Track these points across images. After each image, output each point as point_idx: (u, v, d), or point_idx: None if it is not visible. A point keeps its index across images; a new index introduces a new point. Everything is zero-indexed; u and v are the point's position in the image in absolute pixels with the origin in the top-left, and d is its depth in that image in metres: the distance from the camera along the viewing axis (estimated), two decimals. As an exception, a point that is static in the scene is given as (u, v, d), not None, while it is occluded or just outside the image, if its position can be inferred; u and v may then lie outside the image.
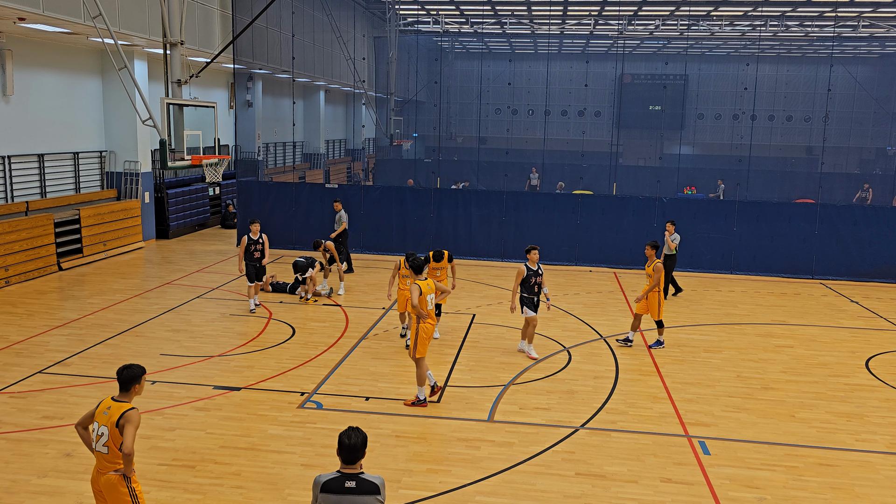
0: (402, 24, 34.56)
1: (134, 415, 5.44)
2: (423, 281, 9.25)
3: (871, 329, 13.93)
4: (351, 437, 4.64)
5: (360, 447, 4.64)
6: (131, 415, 5.43)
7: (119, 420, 5.38)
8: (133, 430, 5.39)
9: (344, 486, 4.56)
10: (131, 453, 5.38)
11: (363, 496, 4.54)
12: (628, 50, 37.33)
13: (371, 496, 4.56)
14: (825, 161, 26.36)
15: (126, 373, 5.58)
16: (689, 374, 10.97)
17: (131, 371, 5.60)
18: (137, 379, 5.60)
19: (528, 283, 11.26)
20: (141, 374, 5.63)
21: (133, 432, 5.39)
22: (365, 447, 4.69)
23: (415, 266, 9.50)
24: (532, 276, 11.23)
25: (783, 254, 18.60)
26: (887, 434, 9.02)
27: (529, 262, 11.29)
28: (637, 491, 7.44)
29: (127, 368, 5.60)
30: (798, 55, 39.27)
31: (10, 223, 15.45)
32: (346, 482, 4.57)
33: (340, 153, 37.81)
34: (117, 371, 5.61)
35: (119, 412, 5.41)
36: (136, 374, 5.61)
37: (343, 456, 4.63)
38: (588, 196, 20.91)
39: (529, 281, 11.25)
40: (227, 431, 8.51)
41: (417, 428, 8.78)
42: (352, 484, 4.56)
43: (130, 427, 5.38)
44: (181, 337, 12.15)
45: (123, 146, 19.80)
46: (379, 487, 4.61)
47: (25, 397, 9.38)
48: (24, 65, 16.46)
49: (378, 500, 4.59)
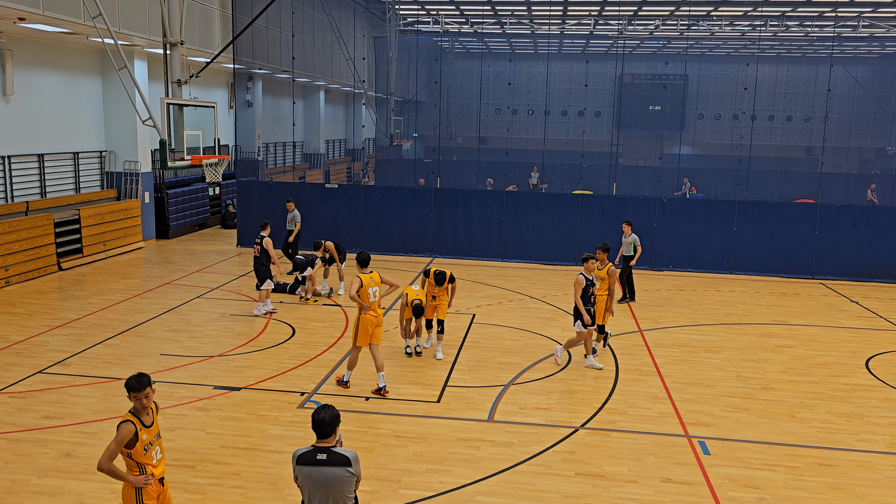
0: (402, 24, 34.55)
1: (120, 428, 5.24)
2: (366, 274, 9.67)
3: (871, 329, 13.93)
4: (321, 412, 4.93)
5: (328, 422, 4.88)
6: (118, 428, 5.25)
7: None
8: (113, 445, 5.18)
9: (315, 458, 4.83)
10: (101, 469, 5.12)
11: (333, 468, 4.81)
12: (628, 50, 37.31)
13: (341, 468, 4.82)
14: (825, 161, 26.33)
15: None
16: (689, 374, 10.97)
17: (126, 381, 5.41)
18: (126, 390, 5.34)
19: (586, 294, 10.80)
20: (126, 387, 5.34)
21: (112, 447, 5.17)
22: (335, 423, 4.93)
23: (360, 260, 9.83)
24: (590, 285, 10.82)
25: (783, 254, 18.60)
26: (887, 434, 9.02)
27: (586, 270, 10.83)
28: (637, 491, 7.44)
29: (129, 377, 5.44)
30: (798, 55, 39.25)
31: (10, 223, 15.45)
32: (318, 455, 4.84)
33: (340, 153, 37.80)
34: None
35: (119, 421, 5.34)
36: (125, 385, 5.36)
37: (316, 430, 4.91)
38: (588, 196, 20.91)
39: (587, 291, 10.80)
40: (227, 431, 8.51)
41: (417, 428, 8.78)
42: (323, 456, 4.83)
43: (111, 441, 5.21)
44: (181, 337, 12.15)
45: (123, 146, 19.80)
46: (350, 460, 4.85)
47: (25, 397, 9.38)
48: (24, 65, 16.47)
49: (349, 472, 4.83)
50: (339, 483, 4.83)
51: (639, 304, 15.35)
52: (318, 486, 4.82)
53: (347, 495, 4.86)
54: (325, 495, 4.82)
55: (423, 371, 10.80)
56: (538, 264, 19.35)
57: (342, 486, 4.83)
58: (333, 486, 4.83)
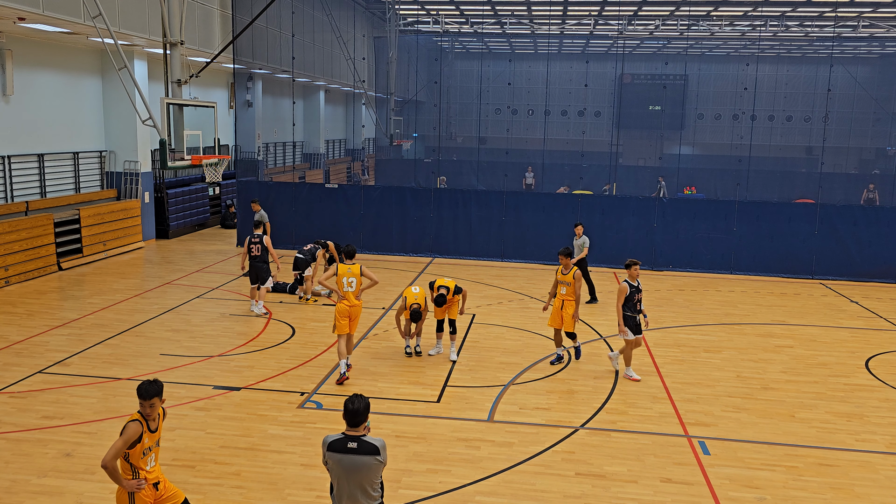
0: (402, 24, 34.55)
1: (127, 427, 5.26)
2: (345, 265, 10.20)
3: (871, 329, 13.93)
4: (354, 402, 5.09)
5: (362, 411, 5.05)
6: (125, 427, 5.27)
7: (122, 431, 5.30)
8: (119, 442, 5.19)
9: (346, 446, 5.00)
10: (105, 466, 5.14)
11: (363, 456, 4.99)
12: (628, 50, 37.31)
13: (370, 456, 5.01)
14: (825, 161, 26.34)
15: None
16: (689, 374, 10.97)
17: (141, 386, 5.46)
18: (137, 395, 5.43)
19: (631, 301, 10.36)
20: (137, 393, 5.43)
21: (118, 444, 5.19)
22: (367, 412, 5.10)
23: (346, 251, 10.37)
24: (635, 292, 10.38)
25: (783, 254, 18.60)
26: (887, 434, 9.02)
27: (629, 277, 10.41)
28: (637, 491, 7.44)
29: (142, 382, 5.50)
30: (798, 55, 39.26)
31: (10, 223, 15.45)
32: (349, 443, 5.01)
33: (340, 153, 37.80)
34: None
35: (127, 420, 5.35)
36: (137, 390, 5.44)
37: (347, 419, 5.05)
38: (588, 196, 20.91)
39: (632, 298, 10.36)
40: (227, 431, 8.51)
41: (417, 428, 8.78)
42: (353, 445, 5.00)
43: (118, 439, 5.22)
44: (181, 337, 12.15)
45: (123, 146, 19.79)
46: (379, 449, 5.03)
47: (25, 397, 9.38)
48: (24, 65, 16.47)
49: (377, 461, 5.02)
50: (367, 470, 5.01)
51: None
52: (348, 473, 5.01)
53: (375, 481, 5.07)
54: (354, 481, 5.01)
55: (423, 371, 10.80)
56: (538, 264, 19.34)
57: (370, 473, 5.02)
58: (362, 472, 5.00)
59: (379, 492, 5.12)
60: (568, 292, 10.90)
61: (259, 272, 13.57)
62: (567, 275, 10.90)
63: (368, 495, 5.04)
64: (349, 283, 10.11)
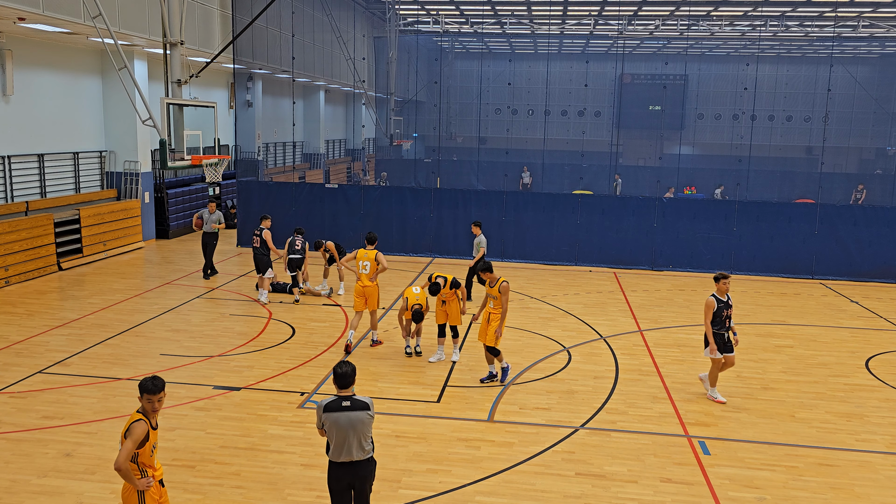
0: (402, 24, 34.55)
1: (134, 427, 5.25)
2: (363, 250, 11.62)
3: (871, 329, 13.93)
4: (342, 367, 5.85)
5: (350, 374, 5.84)
6: (132, 427, 5.25)
7: (126, 431, 5.29)
8: (129, 443, 5.20)
9: (341, 405, 5.75)
10: (119, 469, 5.16)
11: (357, 412, 5.76)
12: (628, 50, 37.30)
13: (363, 412, 5.78)
14: (825, 161, 26.34)
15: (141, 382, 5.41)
16: (689, 374, 10.97)
17: (141, 381, 5.43)
18: (139, 391, 5.38)
19: (719, 318, 9.79)
20: (140, 388, 5.38)
21: (129, 445, 5.19)
22: (354, 375, 5.86)
23: (368, 238, 11.83)
24: (723, 308, 9.82)
25: (783, 254, 18.60)
26: (887, 434, 9.02)
27: (718, 292, 9.83)
28: (637, 491, 7.44)
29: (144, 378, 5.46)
30: (798, 55, 39.24)
31: (10, 223, 15.45)
32: (343, 402, 5.76)
33: (340, 153, 37.80)
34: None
35: (128, 422, 5.33)
36: (139, 386, 5.40)
37: (338, 382, 5.83)
38: (588, 196, 20.91)
39: (720, 314, 9.78)
40: (227, 431, 8.51)
41: (417, 428, 8.78)
42: (347, 403, 5.76)
43: (127, 440, 5.22)
44: (181, 337, 12.15)
45: (123, 146, 19.80)
46: (369, 405, 5.82)
47: (25, 397, 9.38)
48: (24, 65, 16.47)
49: (369, 415, 5.80)
50: (361, 424, 5.76)
51: (639, 304, 15.34)
52: (345, 428, 5.72)
53: (368, 434, 5.82)
54: (352, 435, 5.74)
55: (423, 371, 10.80)
56: (538, 264, 19.35)
57: (364, 426, 5.78)
58: (357, 427, 5.75)
59: (371, 445, 5.85)
60: (495, 306, 10.18)
61: (259, 263, 14.51)
62: (493, 288, 10.20)
63: (362, 448, 5.78)
64: (363, 267, 11.51)
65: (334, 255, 15.32)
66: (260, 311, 13.91)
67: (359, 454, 5.77)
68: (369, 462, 5.87)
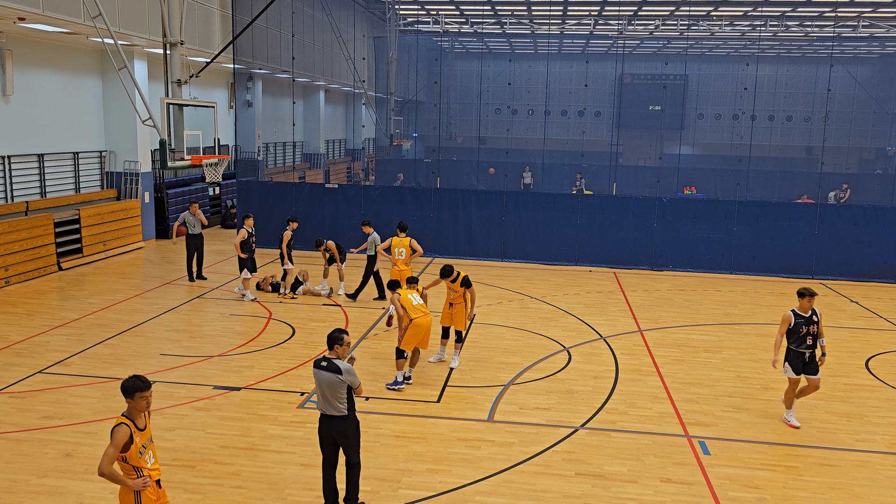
0: (402, 24, 34.53)
1: (116, 431, 5.20)
2: (398, 237, 13.04)
3: (871, 329, 13.93)
4: (333, 332, 6.77)
5: (334, 337, 6.70)
6: (114, 432, 5.21)
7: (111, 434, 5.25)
8: (111, 449, 5.16)
9: (321, 364, 6.70)
10: (102, 474, 5.13)
11: (328, 373, 6.62)
12: (628, 50, 37.28)
13: (333, 374, 6.58)
14: (825, 161, 26.32)
15: (122, 384, 5.38)
16: (689, 374, 10.97)
17: (125, 383, 5.36)
18: (128, 393, 5.31)
19: (797, 334, 8.95)
20: (132, 389, 5.31)
21: (110, 451, 5.16)
22: (336, 341, 6.69)
23: (400, 227, 13.27)
24: (802, 324, 8.92)
25: (783, 254, 18.60)
26: (887, 434, 9.02)
27: (800, 308, 8.99)
28: (637, 491, 7.44)
29: (127, 379, 5.38)
30: (798, 55, 39.22)
31: (10, 223, 15.45)
32: (322, 362, 6.70)
33: (340, 153, 37.79)
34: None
35: (112, 426, 5.30)
36: (126, 388, 5.33)
37: (327, 343, 6.78)
38: (588, 196, 20.91)
39: (798, 331, 8.93)
40: (227, 431, 8.51)
41: (417, 428, 8.78)
42: (324, 364, 6.68)
43: (109, 446, 5.19)
44: (181, 337, 12.15)
45: (123, 146, 19.79)
46: (341, 370, 6.58)
47: (25, 397, 9.38)
48: (24, 65, 16.46)
49: (339, 379, 6.56)
50: (330, 384, 6.60)
51: (639, 304, 15.34)
52: (320, 384, 6.66)
53: (338, 393, 6.59)
54: (325, 392, 6.64)
55: (423, 371, 10.79)
56: (538, 264, 19.35)
57: (333, 387, 6.59)
58: (327, 385, 6.61)
59: (345, 404, 6.64)
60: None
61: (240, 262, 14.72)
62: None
63: (333, 404, 6.62)
64: (399, 253, 12.99)
65: (335, 255, 15.32)
66: (260, 311, 13.92)
67: (331, 410, 6.63)
68: (345, 420, 6.65)
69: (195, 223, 16.00)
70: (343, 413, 6.64)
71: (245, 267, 14.56)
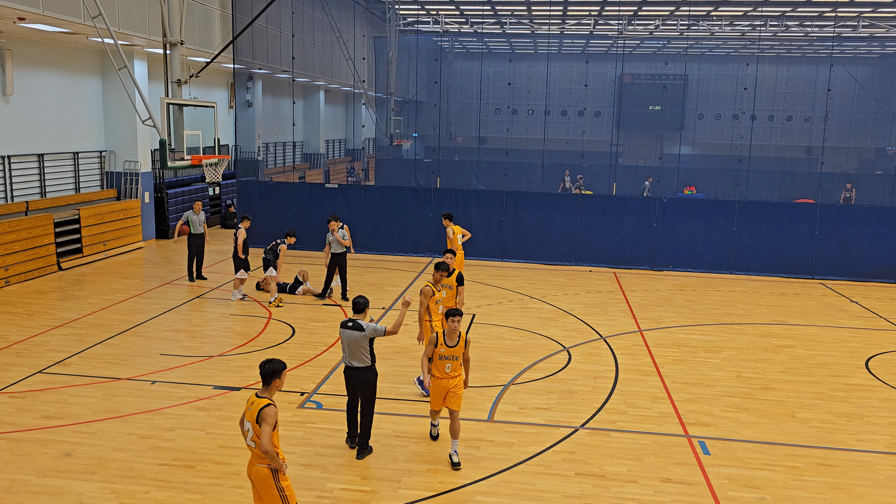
0: (402, 24, 34.54)
1: (269, 412, 5.55)
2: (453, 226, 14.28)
3: (871, 329, 13.93)
4: (360, 299, 7.99)
5: (362, 303, 7.94)
6: (266, 412, 5.55)
7: (258, 416, 5.54)
8: (269, 429, 5.52)
9: (347, 324, 7.85)
10: (268, 451, 5.52)
11: (354, 331, 7.77)
12: (628, 50, 37.29)
13: (358, 332, 7.74)
14: (825, 161, 26.33)
15: (267, 367, 5.79)
16: (689, 374, 10.97)
17: (272, 366, 5.80)
18: (277, 373, 5.79)
19: None
20: (281, 369, 5.83)
21: (269, 430, 5.52)
22: (366, 306, 7.94)
23: (446, 215, 14.57)
24: None
25: (783, 254, 18.60)
26: (887, 434, 9.02)
27: None
28: (637, 491, 7.44)
29: (268, 363, 5.81)
30: (798, 55, 39.23)
31: (10, 223, 15.45)
32: (349, 323, 7.84)
33: (340, 153, 37.81)
34: (260, 365, 5.89)
35: (258, 408, 5.56)
36: (277, 369, 5.80)
37: (354, 309, 7.94)
38: (588, 196, 20.91)
39: None
40: (227, 431, 8.51)
41: (417, 428, 8.78)
42: (350, 324, 7.82)
43: (265, 426, 5.52)
44: (181, 337, 12.15)
45: (123, 146, 19.79)
46: (364, 328, 7.73)
47: (25, 397, 9.38)
48: (24, 65, 16.47)
49: (362, 335, 7.72)
50: (355, 340, 7.77)
51: (639, 304, 15.34)
52: (345, 341, 7.83)
53: (364, 347, 7.78)
54: (349, 346, 7.81)
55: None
56: (538, 264, 19.35)
57: (356, 342, 7.77)
58: (352, 342, 7.79)
59: (369, 358, 7.82)
60: (449, 295, 10.21)
61: (235, 262, 14.71)
62: (450, 278, 10.24)
63: (358, 357, 7.80)
64: (460, 239, 14.08)
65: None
66: (260, 311, 13.92)
67: (355, 362, 7.84)
68: (367, 370, 7.85)
69: (198, 222, 16.03)
70: (367, 364, 7.83)
71: (242, 267, 14.56)
